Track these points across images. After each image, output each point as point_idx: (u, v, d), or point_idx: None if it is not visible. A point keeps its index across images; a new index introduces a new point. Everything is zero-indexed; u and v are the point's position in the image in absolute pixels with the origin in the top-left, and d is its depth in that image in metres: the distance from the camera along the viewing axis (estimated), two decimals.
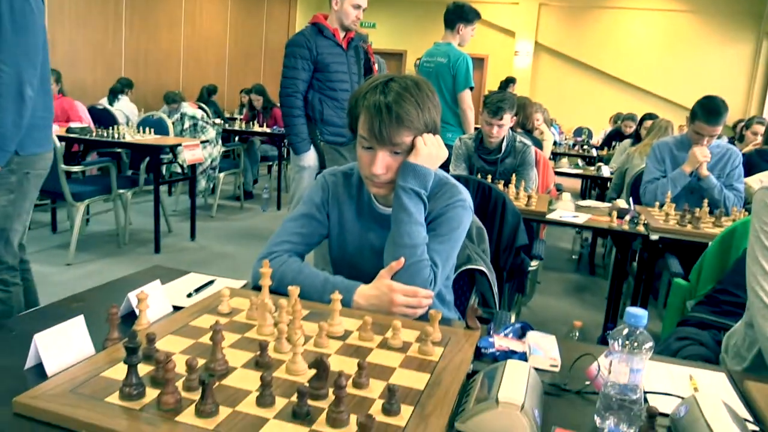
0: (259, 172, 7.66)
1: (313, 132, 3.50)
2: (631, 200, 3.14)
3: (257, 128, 6.96)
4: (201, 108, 7.03)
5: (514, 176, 3.24)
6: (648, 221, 2.84)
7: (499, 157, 3.42)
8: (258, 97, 7.33)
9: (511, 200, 2.11)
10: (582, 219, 2.99)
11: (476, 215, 1.75)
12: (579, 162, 7.10)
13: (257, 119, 7.26)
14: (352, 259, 1.58)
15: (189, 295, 1.40)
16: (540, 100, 6.90)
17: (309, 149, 3.49)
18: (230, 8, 10.33)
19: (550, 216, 3.01)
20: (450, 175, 1.59)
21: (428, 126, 1.43)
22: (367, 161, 1.43)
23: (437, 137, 1.46)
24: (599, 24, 12.26)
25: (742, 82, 11.65)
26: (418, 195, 1.43)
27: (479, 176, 3.10)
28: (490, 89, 3.44)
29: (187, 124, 5.76)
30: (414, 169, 1.41)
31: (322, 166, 3.49)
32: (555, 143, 7.06)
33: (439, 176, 1.53)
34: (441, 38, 4.33)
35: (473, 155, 3.49)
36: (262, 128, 7.00)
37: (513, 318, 1.77)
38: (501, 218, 2.05)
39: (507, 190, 3.07)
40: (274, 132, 6.79)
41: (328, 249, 1.64)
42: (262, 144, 7.22)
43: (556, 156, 6.81)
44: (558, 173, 5.30)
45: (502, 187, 3.05)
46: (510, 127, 3.44)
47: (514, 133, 3.54)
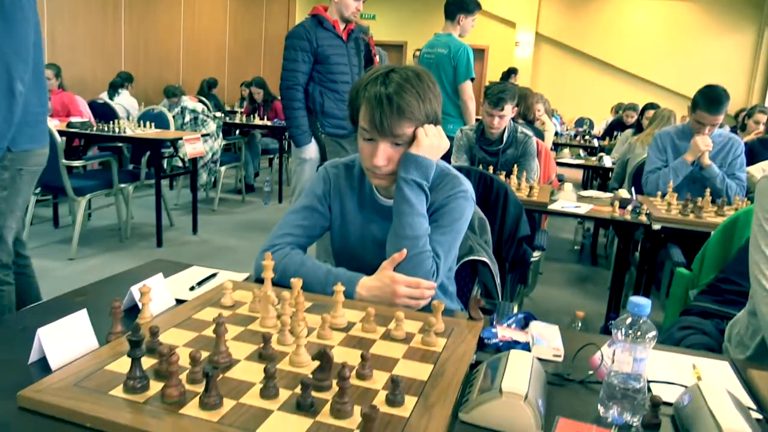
0: (260, 165, 7.66)
1: (314, 124, 3.49)
2: (633, 190, 3.14)
3: (258, 121, 6.95)
4: (201, 101, 7.02)
5: (516, 167, 3.23)
6: (650, 211, 2.84)
7: (501, 148, 3.42)
8: (258, 90, 7.32)
9: (513, 191, 2.11)
10: (584, 209, 2.98)
11: (478, 206, 1.75)
12: (580, 152, 7.08)
13: (258, 112, 7.25)
14: (354, 251, 1.57)
15: (191, 289, 1.40)
16: (541, 91, 6.88)
17: (310, 141, 3.48)
18: (230, 0, 10.29)
19: (552, 207, 3.01)
20: (452, 167, 1.59)
21: (429, 117, 1.42)
22: (369, 153, 1.42)
23: (438, 128, 1.46)
24: (600, 14, 12.21)
25: (744, 71, 11.61)
26: (420, 186, 1.42)
27: (481, 167, 3.09)
28: (491, 80, 3.43)
29: (188, 118, 5.76)
30: (415, 161, 1.41)
31: (323, 159, 3.49)
32: (556, 134, 7.05)
33: (441, 167, 1.52)
34: (441, 29, 4.31)
35: (474, 146, 3.49)
36: (263, 121, 6.99)
37: (515, 309, 1.77)
38: (503, 209, 2.05)
39: (509, 181, 3.06)
40: (275, 125, 6.78)
41: (330, 241, 1.64)
42: (263, 137, 7.22)
43: (558, 146, 6.79)
44: (559, 164, 5.29)
45: (504, 178, 3.05)
46: (511, 118, 3.43)
47: (516, 124, 3.53)
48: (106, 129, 4.66)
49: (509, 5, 12.39)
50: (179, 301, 1.31)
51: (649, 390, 1.01)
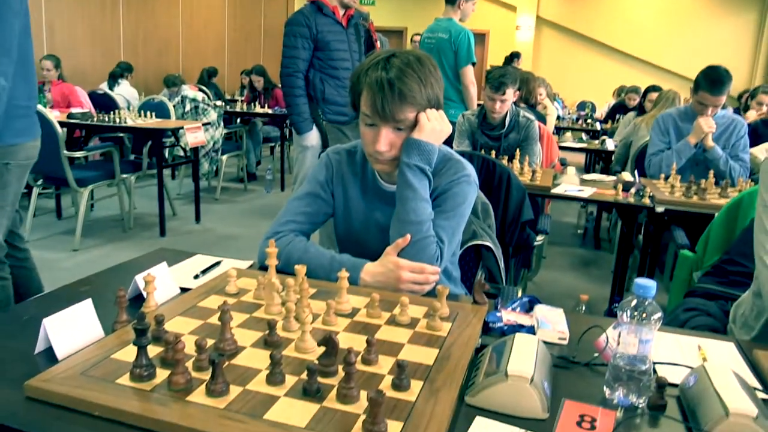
0: (262, 154, 7.65)
1: (315, 111, 3.48)
2: (636, 173, 3.13)
3: (259, 109, 6.93)
4: (202, 90, 6.99)
5: (518, 151, 3.22)
6: (653, 193, 2.83)
7: (503, 133, 3.40)
8: (258, 78, 7.29)
9: (516, 175, 2.10)
10: (587, 193, 2.97)
11: (481, 191, 1.74)
12: (583, 136, 7.06)
13: (258, 100, 7.23)
14: (358, 237, 1.57)
15: (196, 277, 1.41)
16: (542, 75, 6.84)
17: (311, 129, 3.47)
18: None
19: (555, 190, 3.00)
20: (454, 151, 1.58)
21: (431, 101, 1.41)
22: (371, 138, 1.42)
23: (441, 112, 1.45)
24: None
25: (747, 52, 11.53)
26: (423, 171, 1.42)
27: (483, 152, 3.08)
28: (492, 64, 3.41)
29: (188, 107, 5.74)
30: (418, 146, 1.40)
31: (325, 146, 3.48)
32: (558, 117, 7.01)
33: (444, 152, 1.52)
34: (442, 14, 4.28)
35: (476, 131, 3.47)
36: (264, 109, 6.97)
37: (519, 293, 1.77)
38: (506, 193, 2.04)
39: (511, 166, 3.05)
40: (276, 113, 6.76)
41: (334, 227, 1.63)
42: (264, 125, 7.20)
43: (560, 130, 6.77)
44: (562, 148, 5.27)
45: (506, 163, 3.04)
46: (513, 102, 3.41)
47: (518, 108, 3.52)
48: (107, 119, 4.65)
49: None
50: (184, 290, 1.31)
51: (655, 371, 1.01)
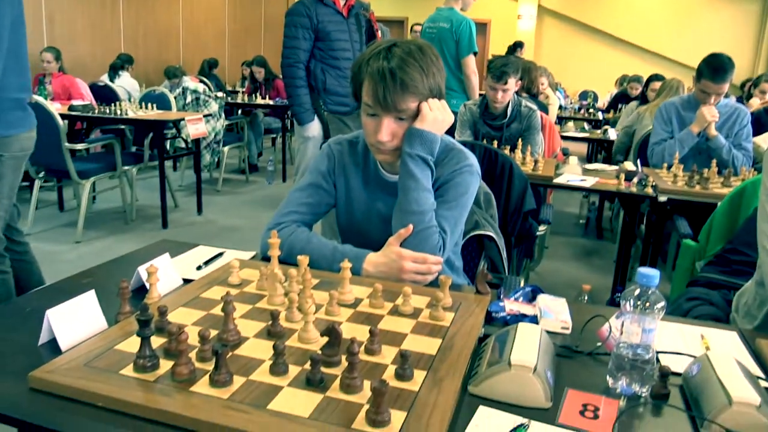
0: (263, 145, 7.64)
1: (317, 102, 3.47)
2: (639, 162, 3.12)
3: (260, 101, 6.92)
4: (202, 82, 6.97)
5: (520, 141, 3.21)
6: (656, 183, 2.82)
7: (505, 123, 3.39)
8: (259, 69, 7.27)
9: (518, 165, 2.10)
10: (589, 182, 2.97)
11: (483, 181, 1.74)
12: (585, 125, 7.04)
13: (259, 91, 7.22)
14: (360, 228, 1.57)
15: (198, 268, 1.41)
16: (544, 64, 6.81)
17: (313, 119, 3.46)
18: None
19: (558, 180, 2.99)
20: (456, 141, 1.57)
21: (433, 91, 1.41)
22: (372, 128, 1.41)
23: (443, 102, 1.44)
24: None
25: (750, 41, 11.46)
26: (425, 161, 1.42)
27: (485, 142, 3.07)
28: (494, 54, 3.38)
29: (189, 99, 5.73)
30: (420, 135, 1.40)
31: (327, 137, 3.47)
32: (560, 107, 6.99)
33: (446, 142, 1.51)
34: (443, 3, 4.26)
35: (478, 121, 3.46)
36: (265, 100, 6.96)
37: (522, 283, 1.77)
38: (508, 183, 2.04)
39: (513, 155, 3.04)
40: (277, 104, 6.75)
41: (336, 218, 1.63)
42: (266, 116, 7.19)
43: (562, 120, 6.75)
44: (564, 137, 5.26)
45: (509, 153, 3.03)
46: (515, 92, 3.40)
47: (520, 98, 3.50)
48: (108, 111, 4.64)
49: None
50: (186, 281, 1.31)
51: (658, 360, 1.01)
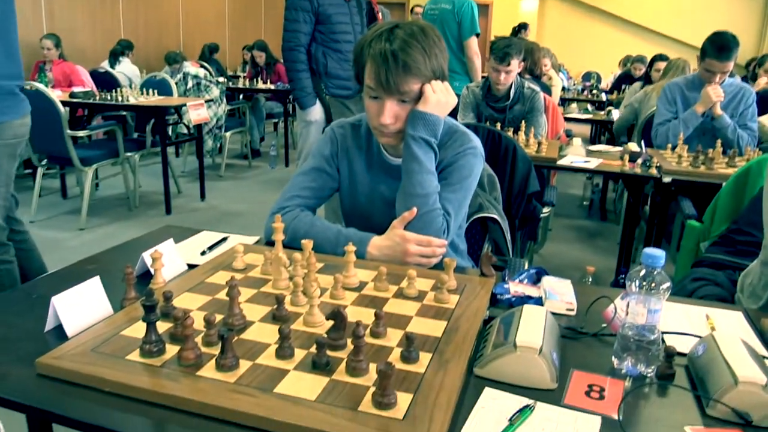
0: (266, 130, 7.62)
1: (318, 86, 3.45)
2: (643, 143, 3.10)
3: (261, 85, 6.89)
4: (203, 67, 6.94)
5: (524, 123, 3.19)
6: (660, 164, 2.81)
7: (508, 104, 3.37)
8: (260, 54, 7.22)
9: (521, 147, 2.09)
10: (593, 164, 2.96)
11: (487, 163, 1.73)
12: (588, 107, 6.99)
13: (261, 76, 7.18)
14: (364, 211, 1.57)
15: (203, 253, 1.41)
16: (547, 45, 6.75)
17: (315, 103, 3.45)
18: None
19: (561, 162, 2.98)
20: (460, 123, 1.57)
21: (436, 73, 1.40)
22: (375, 111, 1.40)
23: (445, 84, 1.43)
24: None
25: (755, 20, 11.35)
26: (428, 143, 1.41)
27: (488, 124, 3.06)
28: (496, 35, 3.34)
29: (191, 84, 5.70)
30: (423, 118, 1.39)
31: (329, 120, 3.46)
32: (564, 89, 6.95)
33: (449, 124, 1.50)
34: None
35: (481, 103, 3.44)
36: (266, 85, 6.92)
37: (526, 265, 1.77)
38: (512, 165, 2.03)
39: (516, 138, 3.03)
40: (279, 88, 6.71)
41: (340, 202, 1.63)
42: (267, 101, 7.16)
43: (565, 101, 6.71)
44: (567, 119, 5.23)
45: (512, 134, 3.01)
46: (518, 74, 3.37)
47: (522, 80, 3.48)
48: (109, 98, 4.63)
49: None
50: (191, 266, 1.31)
51: (663, 341, 1.01)
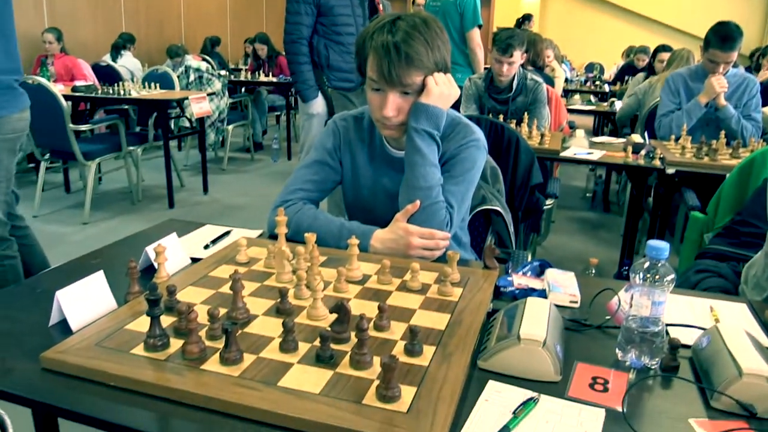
0: (268, 123, 7.61)
1: (320, 78, 3.44)
2: (646, 134, 3.09)
3: (263, 78, 6.88)
4: (205, 60, 6.93)
5: (526, 115, 3.18)
6: (664, 155, 2.80)
7: (511, 96, 3.36)
8: (262, 46, 7.21)
9: (524, 139, 2.08)
10: (596, 155, 2.95)
11: (489, 155, 1.72)
12: (591, 98, 6.97)
13: (263, 69, 7.17)
14: (367, 204, 1.57)
15: (206, 247, 1.41)
16: (550, 36, 6.72)
17: (317, 96, 3.44)
18: None
19: (565, 153, 2.97)
20: (462, 115, 1.56)
21: (438, 65, 1.39)
22: (378, 103, 1.40)
23: (448, 76, 1.42)
24: None
25: (759, 10, 11.28)
26: (431, 136, 1.40)
27: (490, 116, 3.05)
28: (499, 26, 3.33)
29: (193, 77, 5.69)
30: (426, 110, 1.39)
31: (331, 113, 3.45)
32: (566, 80, 6.93)
33: (452, 116, 1.50)
34: None
35: (484, 95, 3.43)
36: (268, 78, 6.91)
37: (529, 258, 1.77)
38: (515, 157, 2.02)
39: (519, 129, 3.02)
40: (281, 81, 6.71)
41: (342, 195, 1.63)
42: (269, 94, 7.15)
43: (568, 93, 6.68)
44: (570, 110, 5.21)
45: (514, 126, 3.00)
46: (521, 65, 3.36)
47: (525, 71, 3.47)
48: (112, 92, 4.63)
49: None
50: (194, 260, 1.31)
51: (667, 333, 1.01)
